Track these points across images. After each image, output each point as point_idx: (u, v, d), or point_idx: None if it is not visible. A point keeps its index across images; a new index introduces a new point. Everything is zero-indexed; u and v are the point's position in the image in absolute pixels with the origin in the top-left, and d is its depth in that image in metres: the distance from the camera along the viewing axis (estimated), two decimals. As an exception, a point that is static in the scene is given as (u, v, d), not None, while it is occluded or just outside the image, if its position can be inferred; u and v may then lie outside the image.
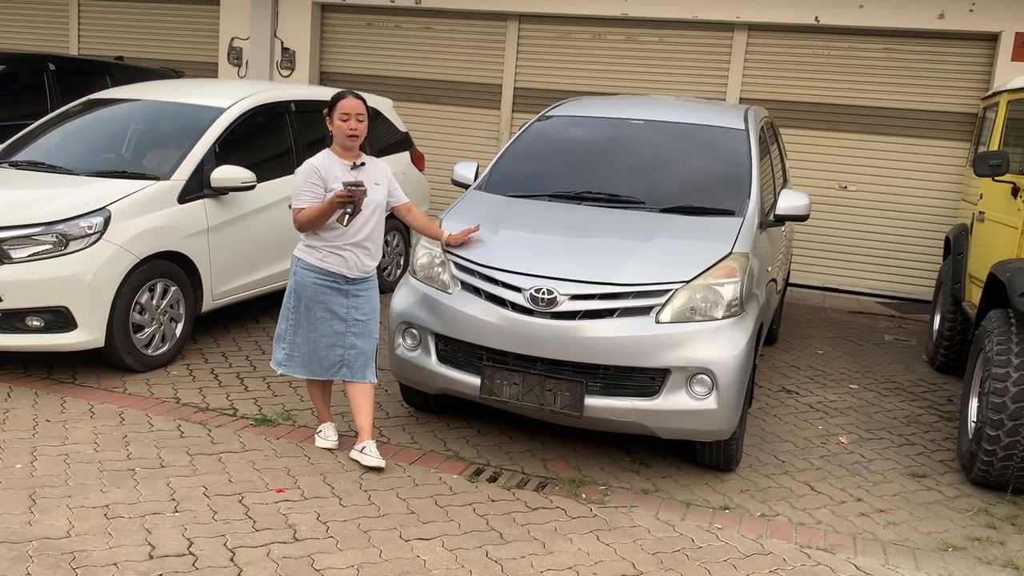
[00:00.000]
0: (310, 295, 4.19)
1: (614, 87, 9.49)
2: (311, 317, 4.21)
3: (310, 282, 4.17)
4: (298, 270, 4.21)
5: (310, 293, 4.18)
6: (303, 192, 4.08)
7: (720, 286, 4.21)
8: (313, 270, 4.17)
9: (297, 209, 4.09)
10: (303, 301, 4.21)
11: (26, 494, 3.73)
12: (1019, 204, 5.27)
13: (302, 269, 4.20)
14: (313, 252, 4.17)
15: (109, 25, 11.73)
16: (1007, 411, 4.20)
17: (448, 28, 10.19)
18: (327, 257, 4.15)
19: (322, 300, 4.18)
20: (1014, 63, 8.14)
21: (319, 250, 4.15)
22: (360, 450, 4.26)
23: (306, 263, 4.18)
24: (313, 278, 4.17)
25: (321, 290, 4.17)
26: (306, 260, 4.19)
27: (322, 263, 4.16)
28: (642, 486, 4.29)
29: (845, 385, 6.21)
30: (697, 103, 6.54)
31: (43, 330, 4.93)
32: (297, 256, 4.23)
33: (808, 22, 8.76)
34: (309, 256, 4.18)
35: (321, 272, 4.17)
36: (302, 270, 4.20)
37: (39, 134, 6.22)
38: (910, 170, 8.81)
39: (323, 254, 4.15)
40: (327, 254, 4.15)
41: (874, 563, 3.69)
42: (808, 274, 9.20)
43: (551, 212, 4.96)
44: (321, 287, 4.17)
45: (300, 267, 4.20)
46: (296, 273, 4.22)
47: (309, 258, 4.18)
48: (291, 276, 4.25)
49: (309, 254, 4.18)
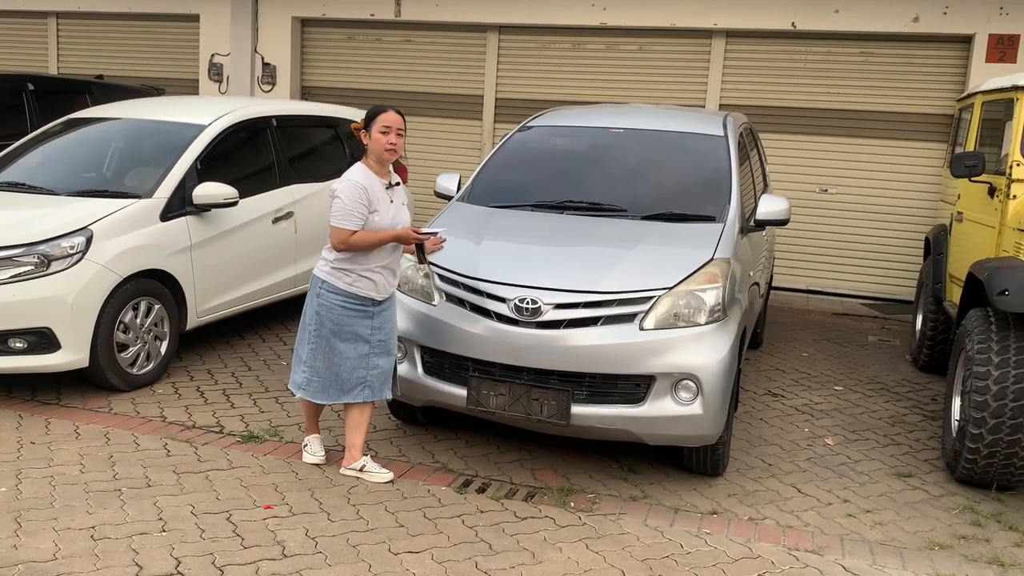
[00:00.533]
0: (335, 319, 4.05)
1: (594, 96, 9.54)
2: (333, 341, 4.07)
3: (337, 306, 4.04)
4: (323, 293, 4.06)
5: (335, 317, 4.05)
6: (353, 213, 3.93)
7: (702, 292, 4.24)
8: (341, 294, 4.04)
9: (349, 231, 3.94)
10: (327, 325, 4.06)
11: (11, 517, 3.71)
12: (996, 204, 5.34)
13: (328, 293, 4.05)
14: (342, 276, 4.03)
15: (88, 43, 11.70)
16: (989, 409, 4.24)
17: (429, 40, 10.22)
18: (357, 281, 4.04)
19: (348, 324, 4.06)
20: (988, 64, 8.24)
21: (349, 274, 4.02)
22: (360, 468, 4.23)
23: (333, 287, 4.04)
24: (341, 302, 4.04)
25: (348, 314, 4.05)
26: (333, 284, 4.04)
27: (352, 287, 4.04)
28: (630, 493, 4.30)
29: (830, 387, 6.25)
30: (676, 110, 6.60)
31: (26, 352, 4.91)
32: (321, 279, 4.08)
33: (785, 28, 8.85)
34: (337, 280, 4.04)
35: (350, 297, 4.04)
36: (328, 293, 4.05)
37: (19, 154, 6.20)
38: (889, 172, 8.89)
39: (354, 278, 4.03)
40: (358, 278, 4.03)
41: (862, 564, 3.72)
42: (791, 277, 9.26)
43: (534, 222, 4.98)
44: (348, 311, 4.05)
45: (326, 290, 4.05)
46: (321, 296, 4.06)
47: (337, 282, 4.04)
48: (313, 298, 4.10)
49: (337, 277, 4.03)
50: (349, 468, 4.27)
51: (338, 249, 3.99)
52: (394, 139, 4.05)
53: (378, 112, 4.07)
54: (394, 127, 4.05)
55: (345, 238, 3.95)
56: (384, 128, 4.03)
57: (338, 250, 4.00)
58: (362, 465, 4.24)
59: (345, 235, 3.95)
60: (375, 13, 10.13)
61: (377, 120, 4.05)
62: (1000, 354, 4.29)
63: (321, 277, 4.09)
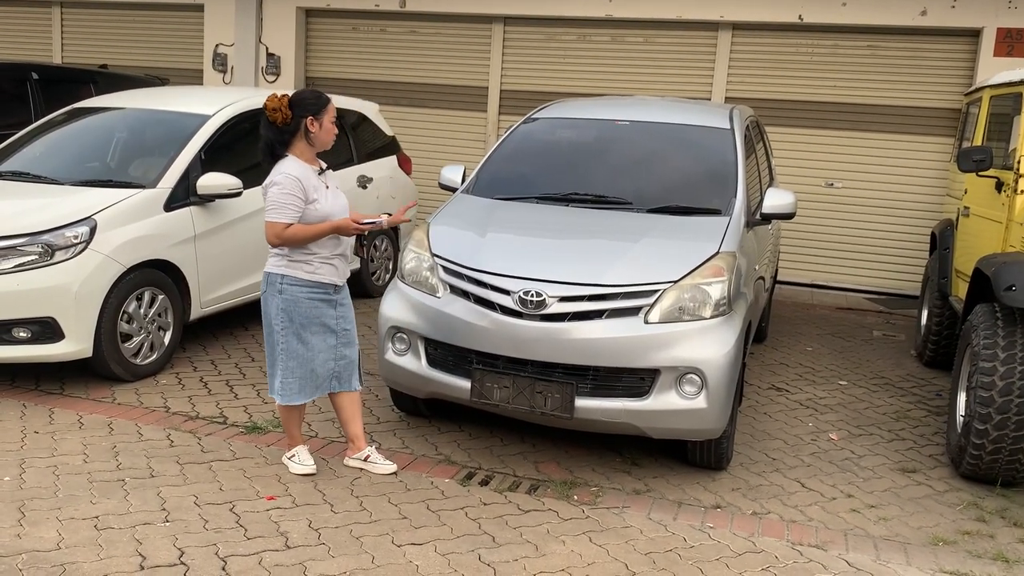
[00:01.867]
0: (304, 312, 3.95)
1: (600, 88, 9.51)
2: (304, 336, 3.98)
3: (303, 298, 3.94)
4: (286, 288, 3.93)
5: (304, 310, 3.95)
6: (288, 206, 3.82)
7: (708, 285, 4.22)
8: (306, 285, 3.94)
9: (284, 224, 3.82)
10: (296, 320, 3.95)
11: (15, 507, 3.71)
12: (1003, 199, 5.31)
13: (291, 286, 3.93)
14: (302, 266, 3.93)
15: (93, 33, 11.68)
16: (994, 405, 4.22)
17: (434, 31, 10.19)
18: (319, 269, 3.96)
19: (317, 315, 3.98)
20: (996, 58, 8.20)
21: (310, 263, 3.93)
22: (364, 459, 4.22)
23: (295, 279, 3.93)
24: (306, 293, 3.95)
25: (315, 304, 3.97)
26: (294, 276, 3.93)
27: (315, 275, 3.95)
28: (634, 486, 4.29)
29: (834, 381, 6.24)
30: (682, 103, 6.56)
31: (30, 341, 4.90)
32: (279, 274, 3.94)
33: (792, 20, 8.81)
34: (298, 271, 3.93)
35: (314, 286, 3.96)
36: (292, 287, 3.93)
37: (23, 144, 6.19)
38: (895, 166, 8.86)
39: (314, 266, 3.94)
40: (319, 265, 3.95)
41: (865, 559, 3.71)
42: (796, 271, 9.23)
43: (538, 214, 4.96)
44: (315, 302, 3.97)
45: (288, 284, 3.93)
46: (284, 292, 3.93)
47: (298, 273, 3.93)
48: (274, 296, 3.95)
49: (298, 269, 3.93)
50: (353, 458, 4.27)
51: (273, 244, 3.88)
52: (336, 128, 4.03)
53: (326, 101, 3.95)
54: (335, 117, 4.01)
55: (279, 231, 3.83)
56: (333, 118, 3.98)
57: (273, 244, 3.89)
58: (366, 455, 4.23)
59: (279, 228, 3.82)
60: (380, 3, 10.10)
61: (328, 110, 3.94)
62: (1006, 350, 4.27)
63: (279, 272, 3.95)
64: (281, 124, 3.88)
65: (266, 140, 3.94)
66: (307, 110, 3.90)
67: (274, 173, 3.90)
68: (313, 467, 4.21)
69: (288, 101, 3.89)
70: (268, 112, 3.88)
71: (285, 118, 3.87)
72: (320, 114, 3.93)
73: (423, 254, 4.59)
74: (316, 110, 3.92)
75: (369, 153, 7.75)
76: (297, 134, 3.92)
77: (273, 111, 3.86)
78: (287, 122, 3.88)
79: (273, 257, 3.99)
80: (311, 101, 3.93)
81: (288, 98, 3.90)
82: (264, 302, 4.03)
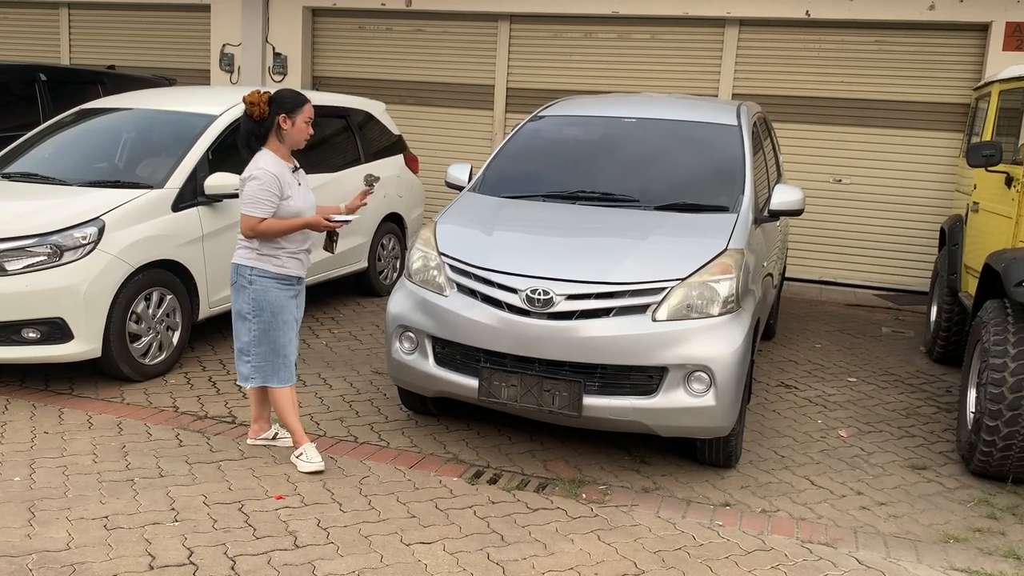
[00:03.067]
0: (274, 301, 4.13)
1: (606, 85, 9.49)
2: (277, 323, 4.15)
3: (273, 288, 4.12)
4: (256, 279, 4.10)
5: (273, 299, 4.13)
6: (264, 201, 3.99)
7: (716, 283, 4.21)
8: (274, 277, 4.12)
9: (258, 218, 3.99)
10: (267, 310, 4.13)
11: (25, 507, 3.73)
12: (1013, 194, 5.28)
13: (261, 278, 4.11)
14: (271, 260, 4.10)
15: (100, 34, 11.71)
16: (1005, 401, 4.20)
17: (440, 30, 10.19)
18: (287, 263, 4.14)
19: (285, 305, 4.17)
20: (1005, 53, 8.15)
21: (278, 257, 4.11)
22: (272, 437, 4.48)
23: (264, 271, 4.10)
24: (275, 285, 4.12)
25: (283, 296, 4.15)
26: (263, 268, 4.10)
27: (282, 269, 4.13)
28: (642, 485, 4.29)
29: (843, 378, 6.22)
30: (689, 100, 6.55)
31: (39, 342, 4.92)
32: (249, 266, 4.11)
33: (799, 16, 8.77)
34: (266, 264, 4.10)
35: (282, 278, 4.14)
36: (261, 279, 4.11)
37: (31, 145, 6.21)
38: (904, 162, 8.82)
39: (283, 260, 4.12)
40: (287, 259, 4.13)
41: (876, 556, 3.69)
42: (805, 268, 9.21)
43: (546, 212, 4.96)
44: (283, 292, 4.15)
45: (258, 276, 4.10)
46: (254, 283, 4.11)
47: (267, 266, 4.10)
48: (243, 287, 4.13)
49: (266, 262, 4.10)
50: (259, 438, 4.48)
51: (246, 235, 4.05)
52: (311, 130, 4.17)
53: (303, 101, 4.10)
54: (311, 119, 4.15)
55: (254, 225, 3.99)
56: (308, 119, 4.12)
57: (246, 236, 4.06)
58: (275, 434, 4.48)
59: (254, 222, 3.99)
60: (386, 3, 10.10)
61: (303, 111, 4.09)
62: (1017, 345, 4.25)
63: (248, 265, 4.11)
64: (257, 118, 4.05)
65: (244, 132, 4.14)
66: (282, 107, 4.06)
67: (252, 167, 4.05)
68: (321, 464, 4.22)
69: (268, 98, 4.06)
70: (247, 105, 4.05)
71: (262, 113, 4.04)
72: (293, 113, 4.08)
73: (430, 253, 4.58)
74: (290, 108, 4.07)
75: (376, 152, 7.75)
76: (272, 130, 4.09)
77: (251, 105, 4.03)
78: (263, 117, 4.05)
79: (242, 249, 4.15)
80: (287, 100, 4.09)
81: (269, 95, 4.08)
82: (234, 293, 4.21)
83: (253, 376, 4.24)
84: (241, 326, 4.21)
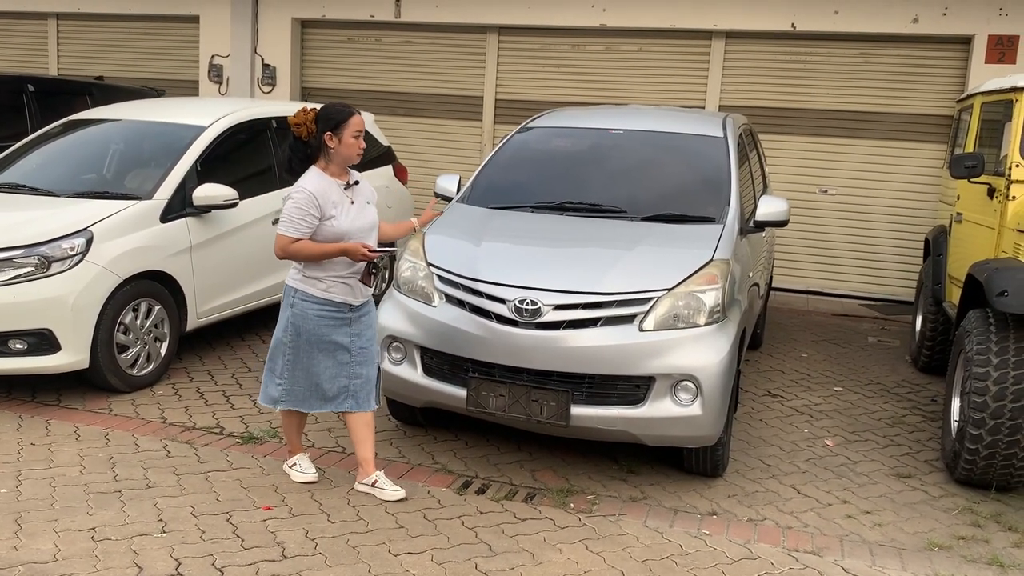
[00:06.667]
0: (312, 328, 3.90)
1: (594, 97, 9.55)
2: (312, 351, 3.93)
3: (312, 315, 3.89)
4: (297, 302, 3.90)
5: (312, 327, 3.90)
6: (299, 221, 3.77)
7: (702, 293, 4.24)
8: (316, 302, 3.89)
9: (290, 239, 3.78)
10: (303, 336, 3.91)
11: (12, 519, 3.71)
12: (995, 205, 5.34)
13: (302, 301, 3.89)
14: (315, 283, 3.88)
15: (88, 45, 11.70)
16: (988, 410, 4.24)
17: (429, 41, 10.23)
18: (332, 287, 3.89)
19: (325, 333, 3.91)
20: (987, 65, 8.25)
21: (322, 281, 3.88)
22: (371, 484, 4.10)
23: (307, 294, 3.89)
24: (316, 310, 3.89)
25: (325, 322, 3.90)
26: (307, 291, 3.88)
27: (326, 294, 3.89)
28: (630, 494, 4.30)
29: (830, 388, 6.26)
30: (676, 112, 6.60)
31: (26, 353, 4.91)
32: (294, 287, 3.92)
33: (785, 28, 8.86)
34: (311, 287, 3.88)
35: (325, 304, 3.90)
36: (302, 302, 3.89)
37: (19, 156, 6.20)
38: (889, 173, 8.90)
39: (327, 284, 3.88)
40: (331, 284, 3.89)
41: (861, 564, 3.72)
42: (791, 278, 9.26)
43: (534, 223, 4.98)
44: (325, 319, 3.90)
45: (300, 299, 3.90)
46: (294, 306, 3.91)
47: (311, 289, 3.88)
48: (286, 308, 3.94)
49: (311, 285, 3.88)
50: (361, 483, 4.15)
51: (278, 256, 3.86)
52: (363, 143, 3.94)
53: (347, 115, 3.87)
54: (362, 131, 3.93)
55: (285, 245, 3.79)
56: (356, 133, 3.89)
57: (278, 256, 3.86)
58: (374, 480, 4.11)
59: (286, 242, 3.79)
60: (375, 14, 10.14)
61: (350, 124, 3.86)
62: (999, 355, 4.29)
63: (293, 286, 3.93)
64: (306, 138, 3.87)
65: (288, 153, 3.94)
66: (326, 125, 3.85)
67: (295, 186, 3.86)
68: (315, 475, 4.21)
69: (314, 115, 3.86)
70: (292, 126, 3.87)
71: (310, 132, 3.86)
72: (339, 129, 3.85)
73: (419, 263, 4.60)
74: (335, 125, 3.84)
75: (365, 163, 7.76)
76: (320, 148, 3.88)
77: (297, 125, 3.85)
78: (312, 136, 3.86)
79: (292, 270, 3.97)
80: (331, 116, 3.86)
81: (315, 112, 3.87)
82: (281, 311, 4.01)
83: (283, 400, 4.02)
84: (277, 347, 4.00)
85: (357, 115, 3.91)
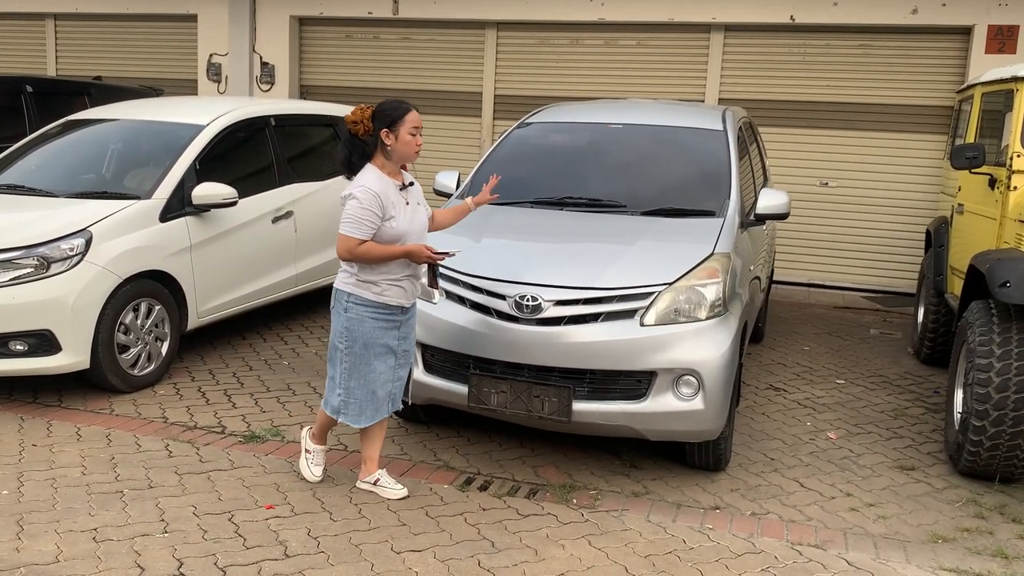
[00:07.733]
0: (367, 333, 3.81)
1: (593, 92, 9.53)
2: (368, 357, 3.85)
3: (368, 318, 3.80)
4: (351, 307, 3.81)
5: (367, 331, 3.81)
6: (364, 221, 3.66)
7: (703, 287, 4.23)
8: (371, 306, 3.80)
9: (357, 240, 3.68)
10: (359, 340, 3.82)
11: (13, 520, 3.71)
12: (997, 195, 5.32)
13: (357, 306, 3.80)
14: (370, 287, 3.79)
15: (86, 45, 11.69)
16: (991, 401, 4.23)
17: (427, 37, 10.21)
18: (387, 291, 3.81)
19: (379, 337, 3.84)
20: (987, 55, 8.22)
21: (377, 284, 3.79)
22: (374, 482, 4.09)
23: (361, 299, 3.79)
24: (372, 314, 3.80)
25: (379, 326, 3.82)
26: (361, 296, 3.79)
27: (381, 297, 3.80)
28: (633, 489, 4.30)
29: (832, 380, 6.25)
30: (675, 105, 6.58)
31: (27, 354, 4.90)
32: (347, 291, 3.82)
33: (783, 21, 8.83)
34: (365, 291, 3.79)
35: (380, 307, 3.81)
36: (357, 306, 3.80)
37: (18, 157, 6.19)
38: (889, 164, 8.88)
39: (382, 288, 3.80)
40: (387, 287, 3.80)
41: (865, 557, 3.71)
42: (793, 271, 9.24)
43: (533, 219, 4.97)
44: (380, 323, 3.82)
45: (354, 303, 3.80)
46: (349, 311, 3.81)
47: (365, 293, 3.79)
48: (340, 314, 3.84)
49: (365, 289, 3.79)
50: (364, 481, 4.14)
51: (343, 258, 3.75)
52: (420, 139, 3.83)
53: (404, 111, 3.77)
54: (419, 127, 3.81)
55: (352, 247, 3.68)
56: (414, 130, 3.78)
57: (343, 259, 3.76)
58: (376, 479, 4.11)
59: (352, 244, 3.68)
60: (373, 11, 10.12)
61: (406, 121, 3.76)
62: (1002, 346, 4.28)
63: (346, 290, 3.83)
64: (363, 136, 3.78)
65: (344, 151, 3.84)
66: (383, 122, 3.77)
67: (354, 184, 3.75)
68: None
69: (371, 113, 3.78)
70: (349, 125, 3.78)
71: (367, 130, 3.77)
72: (396, 126, 3.76)
73: (418, 260, 4.58)
74: (391, 122, 3.76)
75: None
76: (377, 147, 3.80)
77: (354, 124, 3.77)
78: (368, 134, 3.77)
79: (342, 273, 3.87)
80: (387, 112, 3.78)
81: (372, 110, 3.79)
82: (332, 318, 3.93)
83: (344, 411, 3.93)
84: (334, 355, 3.91)
85: (414, 111, 3.83)
